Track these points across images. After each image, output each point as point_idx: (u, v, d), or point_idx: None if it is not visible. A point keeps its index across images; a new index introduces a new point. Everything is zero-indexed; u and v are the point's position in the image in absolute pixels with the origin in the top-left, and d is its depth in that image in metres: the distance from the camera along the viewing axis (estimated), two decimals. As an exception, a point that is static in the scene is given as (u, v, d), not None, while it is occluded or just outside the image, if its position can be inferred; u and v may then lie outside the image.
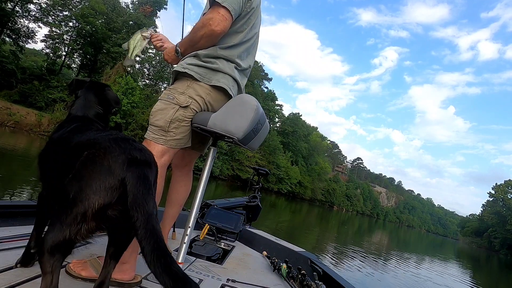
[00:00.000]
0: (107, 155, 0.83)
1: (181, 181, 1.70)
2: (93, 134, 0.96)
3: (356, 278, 6.71)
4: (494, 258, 44.93)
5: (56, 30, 28.72)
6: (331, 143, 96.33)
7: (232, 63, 1.47)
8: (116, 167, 0.81)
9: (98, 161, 0.82)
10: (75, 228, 0.79)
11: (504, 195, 66.20)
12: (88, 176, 0.81)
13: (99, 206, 0.79)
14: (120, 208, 0.82)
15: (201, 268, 1.71)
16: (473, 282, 12.83)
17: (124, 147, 0.86)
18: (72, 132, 1.05)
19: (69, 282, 1.16)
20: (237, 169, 37.43)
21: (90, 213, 0.79)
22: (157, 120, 1.36)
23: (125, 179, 0.81)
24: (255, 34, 1.59)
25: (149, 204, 0.80)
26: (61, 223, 0.79)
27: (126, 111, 25.80)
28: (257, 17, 1.55)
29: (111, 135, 0.92)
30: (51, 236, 0.79)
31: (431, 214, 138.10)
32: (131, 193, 0.80)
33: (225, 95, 1.48)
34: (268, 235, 2.68)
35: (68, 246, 0.82)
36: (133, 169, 0.83)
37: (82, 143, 0.92)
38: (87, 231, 0.81)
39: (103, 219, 0.82)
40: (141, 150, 0.90)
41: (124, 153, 0.84)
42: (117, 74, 27.33)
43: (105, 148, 0.84)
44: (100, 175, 0.80)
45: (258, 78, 48.12)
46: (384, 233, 33.82)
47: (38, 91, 24.85)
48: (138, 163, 0.85)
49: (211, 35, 1.36)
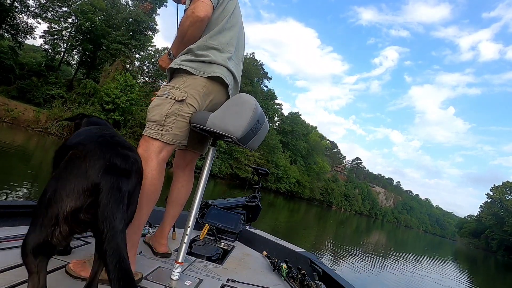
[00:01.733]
0: (86, 158, 0.81)
1: (182, 181, 1.70)
2: (87, 134, 0.94)
3: (355, 277, 6.72)
4: (491, 259, 45.10)
5: (55, 26, 28.51)
6: (330, 143, 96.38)
7: (223, 53, 1.50)
8: (92, 172, 0.79)
9: (76, 163, 0.81)
10: (50, 230, 0.77)
11: (502, 197, 66.31)
12: (65, 178, 0.80)
13: (70, 210, 0.78)
14: (93, 212, 0.79)
15: (201, 268, 1.71)
16: (470, 282, 12.87)
17: (106, 152, 0.84)
18: (80, 131, 1.04)
19: (69, 282, 1.17)
20: (236, 168, 37.41)
21: (62, 216, 0.77)
22: (154, 115, 1.37)
23: (99, 185, 0.79)
24: (237, 23, 1.62)
25: (116, 218, 0.78)
26: (38, 225, 0.78)
27: (125, 108, 25.70)
28: (235, 6, 1.60)
29: (101, 137, 0.89)
30: (31, 237, 0.78)
31: (429, 215, 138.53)
32: (101, 203, 0.78)
33: (221, 85, 1.49)
34: (268, 235, 2.68)
35: (48, 247, 0.79)
36: (108, 177, 0.80)
37: (73, 142, 0.90)
38: (61, 234, 0.79)
39: (76, 223, 0.80)
40: (125, 157, 0.87)
41: (103, 158, 0.82)
42: (116, 71, 27.23)
43: (87, 151, 0.83)
44: (75, 178, 0.79)
45: (258, 77, 48.01)
46: (382, 233, 33.88)
47: (37, 87, 24.71)
48: (116, 171, 0.83)
49: (196, 21, 1.40)
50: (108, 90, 25.10)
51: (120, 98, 25.21)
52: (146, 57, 34.30)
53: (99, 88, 25.83)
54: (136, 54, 32.78)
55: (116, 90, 25.26)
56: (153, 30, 33.31)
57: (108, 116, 24.84)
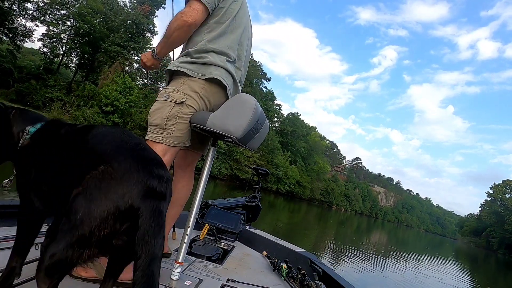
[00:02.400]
0: (123, 181, 0.77)
1: (183, 181, 1.70)
2: (115, 143, 0.87)
3: (355, 277, 6.69)
4: (492, 257, 45.06)
5: (54, 29, 28.56)
6: (330, 143, 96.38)
7: (222, 56, 1.48)
8: (132, 196, 0.76)
9: (112, 185, 0.76)
10: (77, 251, 0.74)
11: (502, 195, 66.36)
12: (99, 199, 0.75)
13: (105, 234, 0.75)
14: (126, 238, 0.77)
15: (201, 268, 1.71)
16: (471, 281, 12.85)
17: (144, 173, 0.80)
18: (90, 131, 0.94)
19: (69, 282, 1.15)
20: (235, 169, 37.39)
21: (95, 239, 0.74)
22: (155, 119, 1.38)
23: (138, 210, 0.76)
24: (241, 25, 1.58)
25: (157, 244, 0.76)
26: (65, 244, 0.74)
27: (124, 111, 25.72)
28: (240, 7, 1.56)
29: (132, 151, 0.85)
30: (53, 252, 0.74)
31: (430, 214, 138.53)
32: (142, 228, 0.75)
33: (220, 87, 1.48)
34: (268, 235, 2.68)
35: (68, 267, 0.77)
36: (148, 201, 0.77)
37: (100, 152, 0.84)
38: (89, 257, 0.77)
39: (107, 248, 0.78)
40: (161, 179, 0.83)
41: (141, 183, 0.78)
42: (115, 73, 27.25)
43: (123, 172, 0.78)
44: (112, 201, 0.75)
45: (257, 78, 48.06)
46: (382, 233, 33.86)
47: (35, 90, 24.72)
48: (155, 195, 0.80)
49: (182, 26, 1.37)
50: (107, 93, 25.14)
51: (119, 100, 25.24)
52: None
53: (98, 91, 25.85)
54: (135, 56, 32.79)
55: (115, 93, 25.30)
56: (151, 32, 33.34)
57: (107, 118, 24.85)
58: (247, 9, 1.67)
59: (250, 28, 1.72)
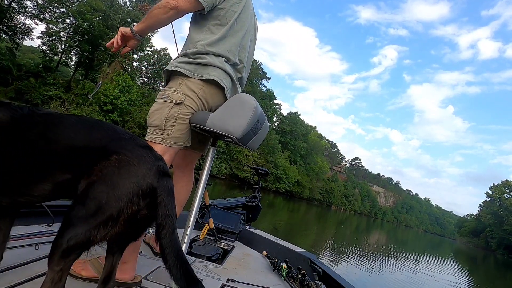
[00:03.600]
0: (141, 166, 0.88)
1: (182, 181, 1.69)
2: (107, 133, 0.95)
3: (355, 277, 6.70)
4: (491, 257, 45.17)
5: (53, 27, 28.43)
6: (330, 143, 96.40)
7: (221, 57, 1.48)
8: (150, 177, 0.88)
9: (132, 170, 0.87)
10: (104, 231, 0.83)
11: (501, 195, 66.49)
12: (122, 183, 0.85)
13: (132, 212, 0.85)
14: (146, 213, 0.89)
15: (201, 268, 1.72)
16: (470, 281, 12.87)
17: (153, 157, 0.93)
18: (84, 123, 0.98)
19: (69, 282, 1.18)
20: (235, 168, 37.39)
21: (123, 219, 0.84)
22: (154, 120, 1.39)
23: (157, 189, 0.88)
24: (244, 28, 1.55)
25: (174, 216, 0.90)
26: (87, 225, 0.81)
27: (123, 109, 25.67)
28: (242, 9, 1.52)
29: (133, 139, 0.96)
30: (72, 236, 0.81)
31: (429, 214, 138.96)
32: (162, 204, 0.88)
33: (218, 88, 1.47)
34: (268, 235, 2.69)
35: (87, 247, 0.86)
36: (163, 181, 0.91)
37: (102, 144, 0.92)
38: (115, 234, 0.86)
39: (132, 223, 0.88)
40: (162, 159, 0.97)
41: (154, 165, 0.91)
42: (114, 72, 27.18)
43: (138, 157, 0.89)
44: (135, 184, 0.86)
45: (256, 77, 48.04)
46: (382, 233, 33.89)
47: (34, 88, 24.64)
48: (165, 174, 0.93)
49: (164, 6, 1.34)
50: (106, 91, 25.06)
51: (118, 98, 25.18)
52: (144, 57, 34.24)
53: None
54: (134, 54, 32.73)
55: (114, 91, 25.24)
56: (151, 30, 33.27)
57: (106, 117, 24.79)
58: (252, 9, 1.63)
59: (255, 28, 1.69)
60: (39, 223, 1.65)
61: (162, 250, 0.85)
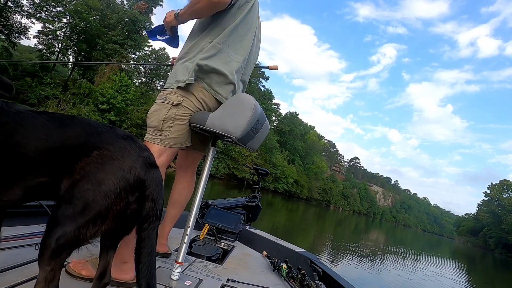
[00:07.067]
0: (126, 159, 0.84)
1: (184, 182, 1.71)
2: (98, 129, 0.90)
3: (355, 277, 6.69)
4: (489, 257, 45.37)
5: (50, 26, 28.29)
6: (328, 142, 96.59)
7: (224, 59, 1.47)
8: (137, 170, 0.84)
9: (116, 164, 0.83)
10: (93, 229, 0.80)
11: (500, 195, 66.85)
12: (108, 179, 0.81)
13: (121, 208, 0.82)
14: (136, 207, 0.86)
15: (201, 268, 1.73)
16: (468, 280, 12.87)
17: (137, 149, 0.88)
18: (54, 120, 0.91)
19: (69, 281, 1.18)
20: (233, 168, 37.36)
21: (112, 216, 0.81)
22: (152, 121, 1.41)
23: (145, 182, 0.85)
24: (251, 30, 1.55)
25: (160, 211, 0.88)
26: (75, 223, 0.78)
27: (120, 109, 25.53)
28: (249, 10, 1.52)
29: (112, 131, 0.90)
30: (61, 235, 0.77)
31: (427, 214, 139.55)
32: (150, 198, 0.86)
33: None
34: (268, 235, 2.70)
35: (78, 245, 0.82)
36: (152, 172, 0.87)
37: (81, 141, 0.86)
38: (105, 231, 0.83)
39: (123, 219, 0.85)
40: (146, 150, 0.92)
41: (140, 157, 0.87)
42: (111, 71, 27.05)
43: (121, 150, 0.85)
44: (121, 178, 0.82)
45: (254, 77, 48.00)
46: (380, 232, 33.95)
47: (31, 87, 24.51)
48: (151, 165, 0.89)
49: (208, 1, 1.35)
50: (103, 90, 24.95)
51: (115, 98, 25.05)
52: (142, 57, 34.09)
53: (94, 88, 25.66)
54: (132, 54, 32.60)
55: (111, 90, 25.12)
56: (149, 30, 33.20)
57: (103, 117, 24.64)
58: (257, 11, 1.60)
59: (258, 29, 1.67)
60: (39, 223, 1.65)
61: (138, 243, 0.84)
